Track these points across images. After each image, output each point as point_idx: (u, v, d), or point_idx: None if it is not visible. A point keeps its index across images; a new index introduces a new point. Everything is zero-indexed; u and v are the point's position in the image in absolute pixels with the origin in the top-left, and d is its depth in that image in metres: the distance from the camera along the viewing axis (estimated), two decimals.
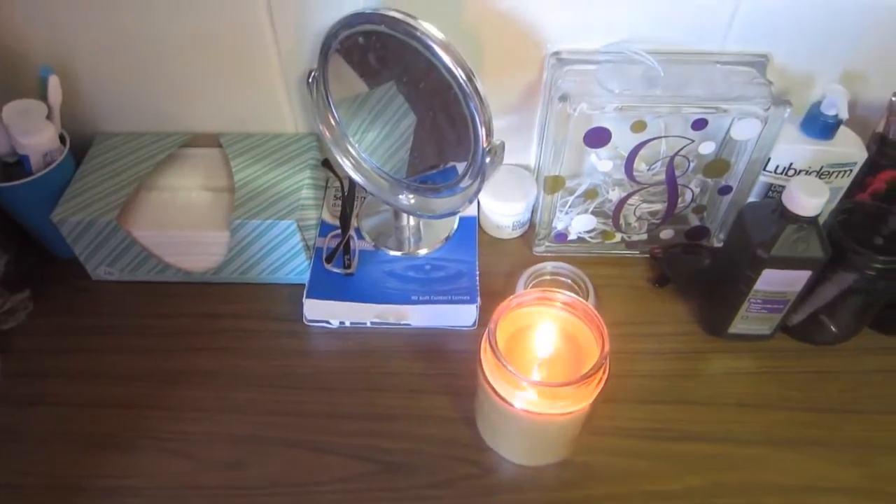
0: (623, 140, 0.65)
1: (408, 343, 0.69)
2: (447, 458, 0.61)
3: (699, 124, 0.63)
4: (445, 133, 0.64)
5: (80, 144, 0.74)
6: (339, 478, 0.60)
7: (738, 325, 0.66)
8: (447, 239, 0.75)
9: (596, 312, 0.53)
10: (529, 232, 0.79)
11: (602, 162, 0.68)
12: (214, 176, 0.75)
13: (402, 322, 0.70)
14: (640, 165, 0.68)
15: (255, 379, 0.67)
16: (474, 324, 0.69)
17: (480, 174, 0.61)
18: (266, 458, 0.61)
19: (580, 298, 0.54)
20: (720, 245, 0.75)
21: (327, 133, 0.70)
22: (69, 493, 0.59)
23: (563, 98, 0.62)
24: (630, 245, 0.75)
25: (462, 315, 0.69)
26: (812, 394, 0.65)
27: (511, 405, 0.53)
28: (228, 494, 0.59)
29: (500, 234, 0.79)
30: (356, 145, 0.70)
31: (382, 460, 0.61)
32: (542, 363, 0.56)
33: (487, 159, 0.59)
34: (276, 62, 0.71)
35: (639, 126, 0.63)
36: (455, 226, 0.76)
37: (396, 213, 0.75)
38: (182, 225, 0.70)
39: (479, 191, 0.63)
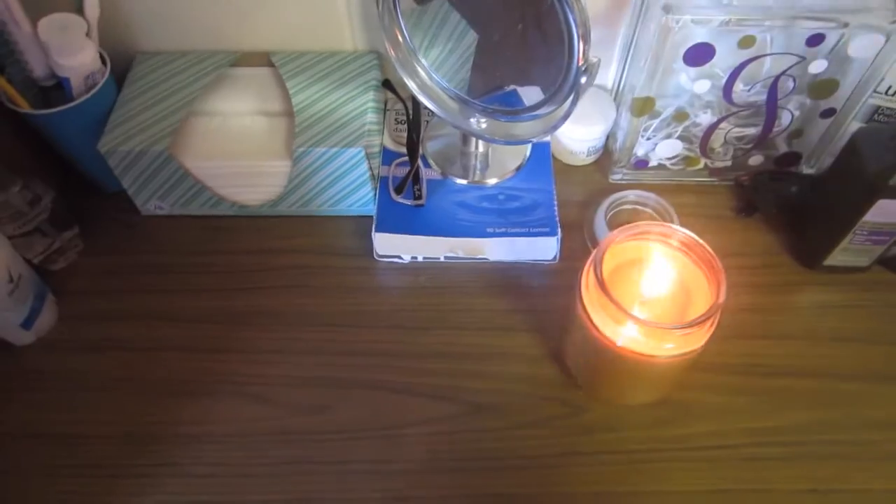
0: (724, 58, 0.59)
1: (484, 278, 0.66)
2: (535, 398, 0.59)
3: (815, 40, 0.57)
4: (533, 49, 0.58)
5: (118, 66, 0.67)
6: (425, 419, 0.58)
7: (837, 257, 0.62)
8: (520, 167, 0.70)
9: (715, 257, 0.49)
10: (604, 158, 0.74)
11: (698, 82, 0.62)
12: (268, 98, 0.69)
13: (477, 257, 0.66)
14: (737, 85, 0.62)
15: (326, 318, 0.63)
16: (555, 258, 0.66)
17: (573, 95, 0.56)
18: (348, 401, 0.58)
19: (699, 239, 0.50)
20: (811, 172, 0.70)
21: (392, 51, 0.63)
22: (145, 441, 0.57)
23: (667, 9, 0.56)
24: (714, 172, 0.71)
25: (542, 248, 0.65)
26: None
27: (613, 343, 0.50)
28: (315, 440, 0.56)
29: (573, 161, 0.74)
30: (425, 63, 0.64)
31: (468, 401, 0.59)
32: (645, 302, 0.53)
33: (583, 79, 0.54)
34: None
35: (747, 41, 0.58)
36: (528, 152, 0.71)
37: (465, 138, 0.70)
38: (239, 154, 0.65)
39: (568, 115, 0.57)
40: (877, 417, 0.57)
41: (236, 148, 0.65)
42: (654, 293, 0.52)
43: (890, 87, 0.61)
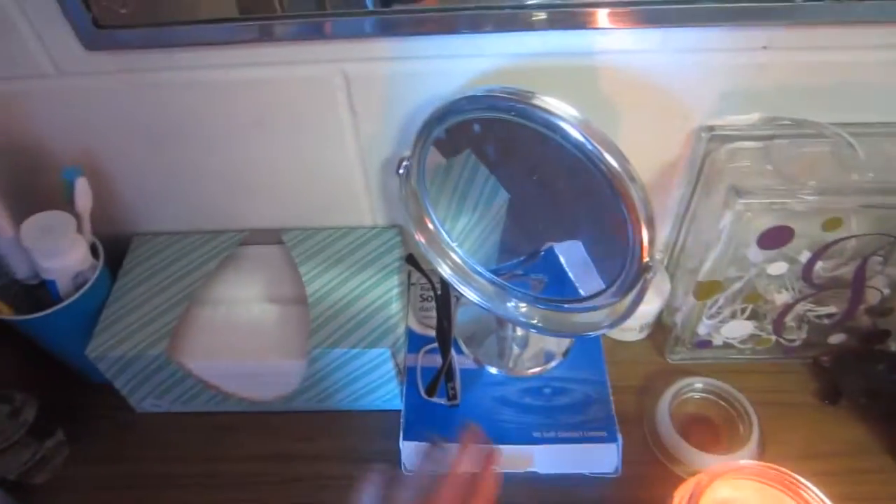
0: (804, 239, 0.52)
1: (533, 495, 0.56)
2: None
3: None
4: (592, 242, 0.51)
5: (113, 249, 0.61)
6: None
7: None
8: (566, 352, 0.61)
9: None
10: (657, 332, 0.65)
11: (773, 264, 0.54)
12: (279, 282, 0.61)
13: (523, 470, 0.56)
14: (818, 265, 0.54)
15: None
16: (616, 470, 0.56)
17: (633, 298, 0.48)
18: None
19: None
20: None
21: (421, 236, 0.56)
22: None
23: (736, 193, 0.49)
24: (789, 351, 0.62)
25: (599, 458, 0.55)
26: None
27: None
28: None
29: (624, 337, 0.65)
30: (458, 248, 0.56)
31: None
32: None
33: (647, 275, 0.46)
34: (353, 145, 0.57)
35: (833, 224, 0.50)
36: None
37: (500, 321, 0.62)
38: (246, 352, 0.57)
39: (627, 316, 0.49)
40: None
41: (244, 344, 0.57)
42: None
43: None
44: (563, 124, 0.43)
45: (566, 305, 0.54)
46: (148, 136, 0.56)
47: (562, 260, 0.56)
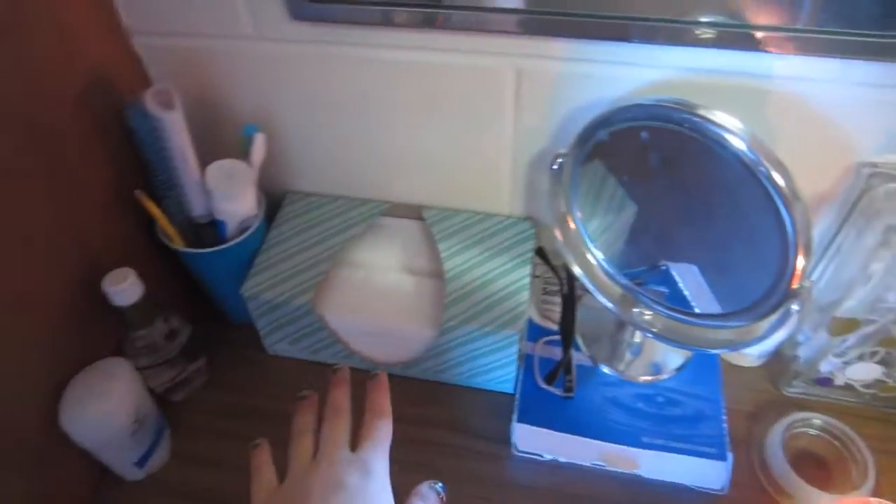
0: None
1: (635, 496, 0.57)
2: None
3: None
4: (736, 260, 0.52)
5: (267, 202, 0.66)
6: None
7: None
8: (681, 367, 0.62)
9: None
10: (775, 362, 0.65)
11: None
12: (415, 254, 0.65)
13: (629, 471, 0.58)
14: None
15: None
16: (723, 488, 0.57)
17: (773, 323, 0.48)
18: None
19: None
20: None
21: (559, 233, 0.58)
22: None
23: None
24: None
25: (707, 473, 0.56)
26: None
27: None
28: None
29: (740, 362, 0.65)
30: (597, 252, 0.58)
31: None
32: None
33: (794, 306, 0.46)
34: (510, 135, 0.60)
35: None
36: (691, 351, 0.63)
37: (619, 324, 0.63)
38: (381, 314, 0.61)
39: (760, 340, 0.50)
40: None
41: (380, 306, 0.61)
42: None
43: None
44: (733, 139, 0.45)
45: (696, 319, 0.55)
46: (324, 104, 0.61)
47: (677, 279, 0.58)
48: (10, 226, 0.48)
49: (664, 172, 0.53)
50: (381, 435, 0.43)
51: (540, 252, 0.65)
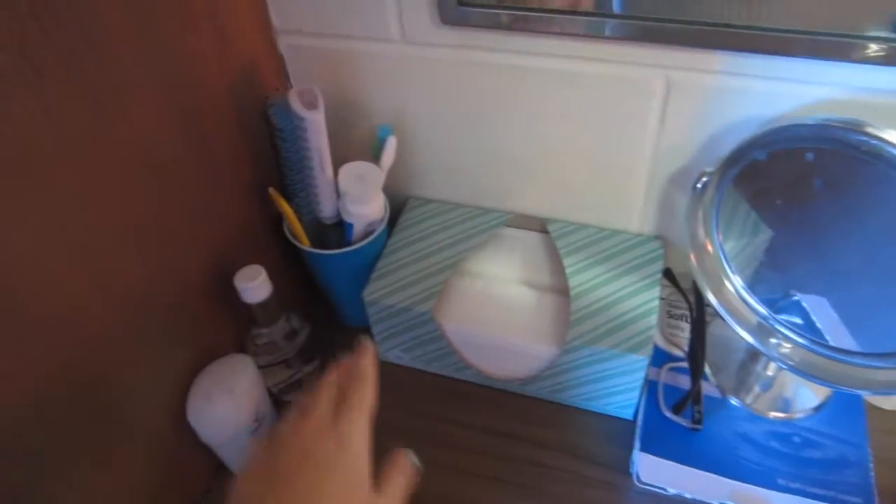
0: None
1: None
2: None
3: None
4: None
5: (391, 206, 0.66)
6: None
7: None
8: (821, 406, 0.58)
9: None
10: None
11: None
12: (537, 268, 0.63)
13: None
14: None
15: None
16: None
17: None
18: None
19: None
20: None
21: (693, 256, 0.55)
22: None
23: None
24: None
25: None
26: None
27: None
28: None
29: (884, 404, 0.60)
30: (736, 278, 0.55)
31: None
32: None
33: None
34: (650, 150, 0.58)
35: None
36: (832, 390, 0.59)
37: (752, 354, 0.60)
38: (501, 327, 0.59)
39: None
40: None
41: (500, 320, 0.60)
42: None
43: None
44: None
45: (845, 357, 0.51)
46: (459, 110, 0.60)
47: (809, 311, 0.54)
48: (157, 213, 0.49)
49: (825, 197, 0.49)
50: (360, 401, 0.42)
51: (668, 273, 0.63)
